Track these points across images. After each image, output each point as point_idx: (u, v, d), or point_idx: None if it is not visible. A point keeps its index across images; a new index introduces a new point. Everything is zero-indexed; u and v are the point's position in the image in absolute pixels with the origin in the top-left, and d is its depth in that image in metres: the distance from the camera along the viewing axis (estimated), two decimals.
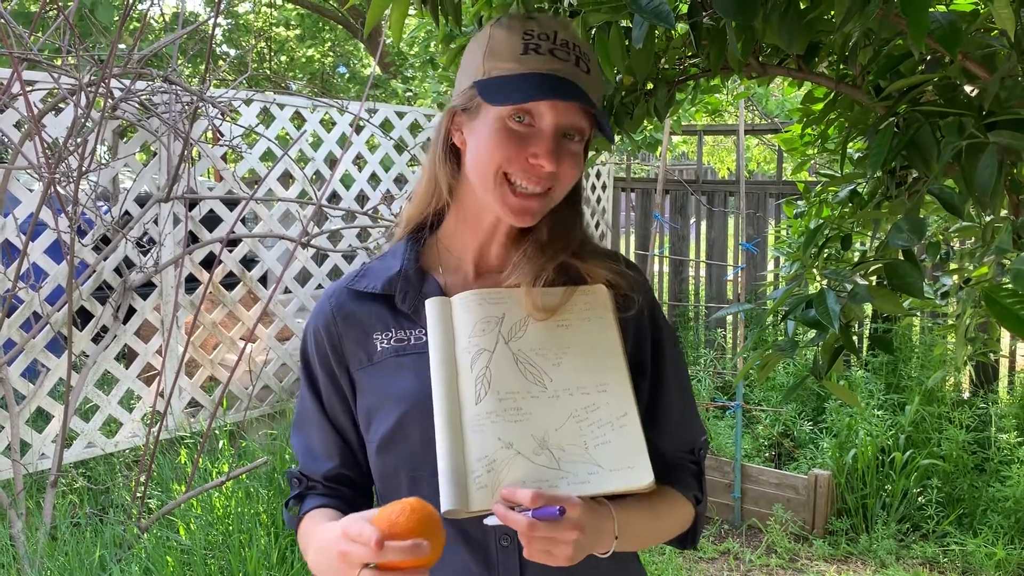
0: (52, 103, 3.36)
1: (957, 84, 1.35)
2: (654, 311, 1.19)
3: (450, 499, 0.97)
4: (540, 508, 0.92)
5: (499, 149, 1.04)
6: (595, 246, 1.19)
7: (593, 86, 1.07)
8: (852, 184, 1.81)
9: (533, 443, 1.00)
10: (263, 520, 3.11)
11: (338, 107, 4.57)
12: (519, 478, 0.98)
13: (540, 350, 1.06)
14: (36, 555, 2.97)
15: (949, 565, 3.58)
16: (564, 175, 1.06)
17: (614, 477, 0.99)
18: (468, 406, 1.02)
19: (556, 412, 1.03)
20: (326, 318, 1.16)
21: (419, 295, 1.13)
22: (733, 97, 4.87)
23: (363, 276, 1.17)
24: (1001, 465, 3.89)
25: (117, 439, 3.88)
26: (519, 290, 1.10)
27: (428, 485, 1.04)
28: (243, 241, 4.30)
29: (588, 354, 1.07)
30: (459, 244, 1.17)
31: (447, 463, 0.99)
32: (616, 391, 1.05)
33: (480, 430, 1.00)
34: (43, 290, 3.48)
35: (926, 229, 1.19)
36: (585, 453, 1.00)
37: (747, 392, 5.08)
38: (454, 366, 1.05)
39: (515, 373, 1.04)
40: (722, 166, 10.72)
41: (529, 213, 1.07)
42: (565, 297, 1.10)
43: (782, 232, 4.62)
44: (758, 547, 3.74)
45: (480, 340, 1.06)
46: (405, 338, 1.12)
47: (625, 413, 1.03)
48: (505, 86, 1.04)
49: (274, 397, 4.49)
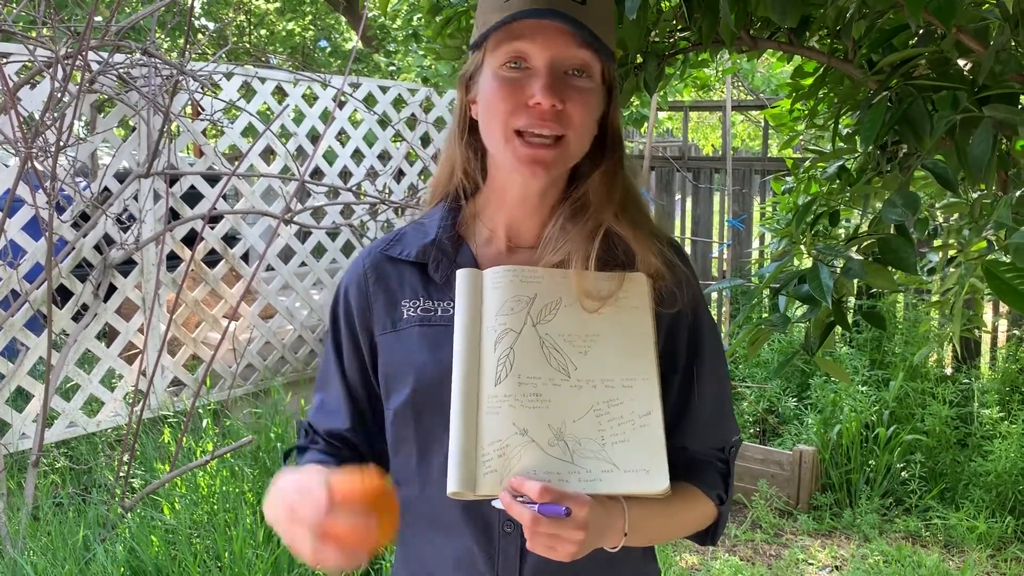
0: (28, 76, 3.29)
1: (950, 58, 1.34)
2: (697, 306, 1.12)
3: (457, 480, 0.94)
4: (546, 504, 0.90)
5: (500, 101, 1.00)
6: (647, 219, 1.11)
7: (591, 15, 0.99)
8: (841, 160, 1.80)
9: (549, 433, 0.97)
10: (248, 499, 3.09)
11: (320, 81, 4.51)
12: (530, 467, 0.95)
13: (568, 336, 1.01)
14: (18, 536, 2.95)
15: (931, 539, 3.62)
16: (574, 114, 0.99)
17: (628, 479, 0.96)
18: (487, 386, 0.98)
19: (577, 403, 0.99)
20: (358, 278, 1.14)
21: (452, 265, 1.09)
22: (721, 72, 4.84)
23: (397, 241, 1.14)
24: (983, 440, 3.93)
25: (99, 418, 3.85)
26: (557, 271, 1.04)
27: (436, 460, 1.03)
28: (225, 218, 4.25)
29: (618, 346, 1.02)
30: (489, 217, 1.12)
31: (458, 443, 0.96)
32: (642, 388, 1.00)
33: (496, 412, 0.97)
34: (21, 268, 3.42)
35: (920, 204, 1.17)
36: (601, 450, 0.97)
37: (732, 369, 5.09)
38: (478, 343, 1.01)
39: (539, 358, 1.00)
40: (706, 143, 10.71)
41: (541, 164, 1.00)
42: (616, 285, 1.04)
43: (768, 209, 4.62)
44: (743, 522, 3.76)
45: (508, 319, 1.01)
46: (432, 308, 1.08)
47: (649, 412, 0.99)
48: (488, 31, 1.00)
49: (258, 376, 4.46)
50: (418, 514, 1.09)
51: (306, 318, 4.68)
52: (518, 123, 0.99)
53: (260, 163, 4.46)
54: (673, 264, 1.09)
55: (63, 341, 3.65)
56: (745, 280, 2.59)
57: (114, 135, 3.79)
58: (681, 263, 1.11)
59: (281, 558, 2.80)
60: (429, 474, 1.06)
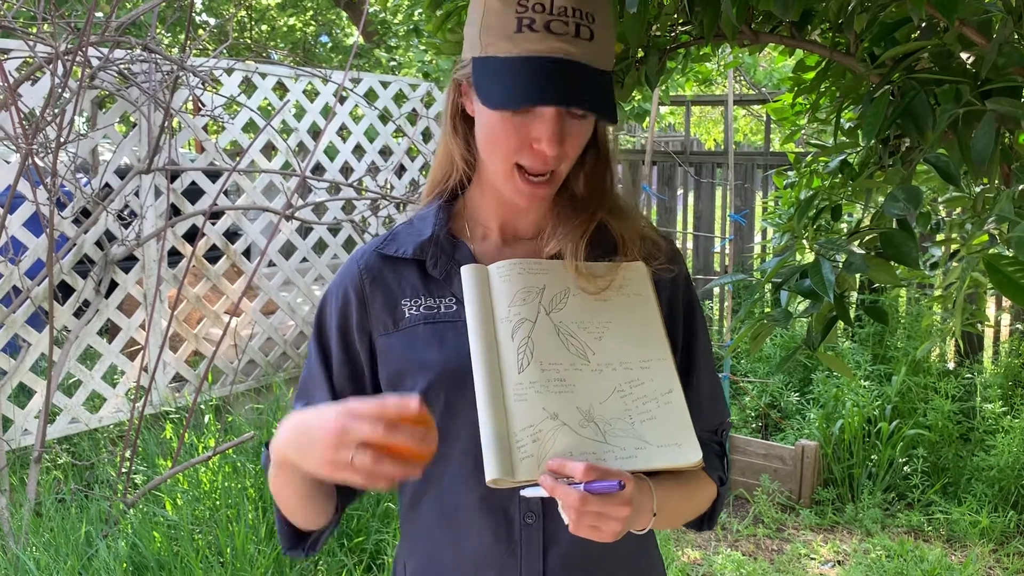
0: (28, 72, 3.28)
1: (952, 52, 1.33)
2: (688, 287, 1.17)
3: (495, 468, 0.93)
4: (594, 482, 0.89)
5: (504, 140, 1.00)
6: (630, 206, 1.15)
7: (597, 53, 1.00)
8: (843, 154, 1.79)
9: (578, 415, 0.98)
10: (251, 495, 3.10)
11: (321, 77, 4.50)
12: (565, 449, 0.95)
13: (582, 323, 1.04)
14: (21, 531, 2.95)
15: (934, 533, 3.62)
16: (570, 151, 1.02)
17: (662, 453, 0.97)
18: (510, 375, 0.99)
19: (600, 385, 1.00)
20: (353, 279, 1.12)
21: (451, 261, 1.10)
22: (723, 66, 4.83)
23: (392, 240, 1.13)
24: (986, 435, 3.93)
25: (101, 414, 3.85)
26: (559, 263, 1.07)
27: (455, 453, 1.03)
28: (226, 214, 4.24)
29: (629, 330, 1.05)
30: (484, 214, 1.13)
31: (491, 431, 0.95)
32: (659, 367, 1.03)
33: (524, 399, 0.97)
34: (23, 264, 3.42)
35: (922, 198, 1.17)
36: (631, 428, 0.98)
37: (735, 363, 5.09)
38: (494, 334, 1.02)
39: (557, 344, 1.02)
40: (708, 137, 10.70)
41: (539, 199, 1.04)
42: (610, 273, 1.08)
43: (770, 203, 4.61)
44: (745, 517, 3.76)
45: (521, 309, 1.03)
46: (435, 306, 1.09)
47: (670, 390, 1.01)
48: (497, 77, 0.98)
49: (260, 371, 4.46)
50: (432, 507, 1.09)
51: (307, 314, 4.68)
52: (521, 160, 1.01)
53: (261, 159, 4.46)
54: (658, 243, 1.14)
55: (65, 337, 3.65)
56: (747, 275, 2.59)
57: (115, 131, 3.79)
58: (665, 242, 1.16)
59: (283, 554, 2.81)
60: (447, 467, 1.06)
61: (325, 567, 2.91)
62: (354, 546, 3.04)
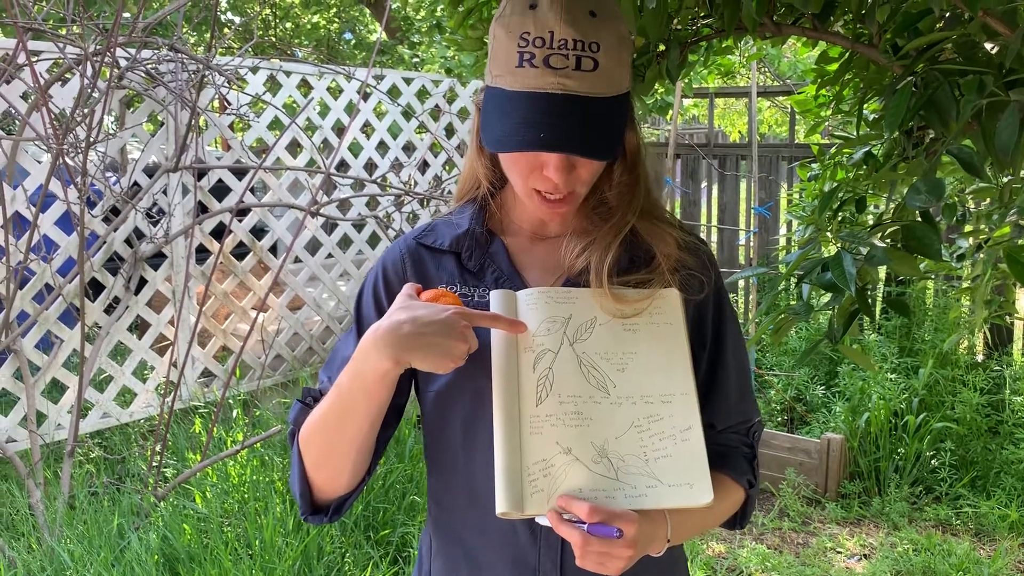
0: (58, 73, 3.34)
1: (976, 42, 1.32)
2: (720, 288, 1.18)
3: (505, 501, 0.96)
4: (596, 524, 0.92)
5: (514, 169, 1.05)
6: (662, 211, 1.16)
7: (600, 81, 0.99)
8: (867, 146, 1.78)
9: (592, 450, 0.98)
10: (278, 488, 3.13)
11: (345, 74, 4.53)
12: (576, 485, 0.96)
13: (605, 354, 1.04)
14: (55, 524, 3.01)
15: (962, 527, 3.59)
16: (584, 175, 1.04)
17: (673, 493, 0.98)
18: (528, 407, 1.00)
19: (617, 420, 1.00)
20: (395, 261, 1.17)
21: (485, 254, 1.14)
22: (746, 59, 4.79)
23: (430, 231, 1.18)
24: (1015, 428, 3.88)
25: (132, 409, 3.91)
26: (588, 291, 1.08)
27: (482, 436, 1.05)
28: (253, 211, 4.29)
29: (654, 363, 1.04)
30: (517, 214, 1.18)
31: (503, 463, 0.97)
32: (681, 403, 1.02)
33: (539, 432, 0.99)
34: (54, 262, 3.48)
35: (945, 190, 1.16)
36: (645, 465, 0.98)
37: (760, 357, 5.07)
38: (516, 364, 1.03)
39: (578, 376, 1.02)
40: (733, 129, 10.62)
41: (560, 217, 1.08)
42: (642, 301, 1.07)
43: (795, 196, 4.58)
44: (771, 511, 3.75)
45: (545, 340, 1.03)
46: (469, 294, 1.12)
47: (689, 427, 1.01)
48: (497, 113, 1.00)
49: (287, 366, 4.51)
50: (459, 491, 1.12)
51: (333, 309, 4.72)
52: (536, 185, 1.04)
53: (286, 156, 4.49)
54: (694, 246, 1.15)
55: (96, 334, 3.71)
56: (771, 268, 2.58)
57: (143, 130, 3.84)
58: (700, 244, 1.17)
59: (311, 546, 2.84)
60: (473, 449, 1.08)
61: (352, 559, 2.94)
62: (380, 539, 3.07)
